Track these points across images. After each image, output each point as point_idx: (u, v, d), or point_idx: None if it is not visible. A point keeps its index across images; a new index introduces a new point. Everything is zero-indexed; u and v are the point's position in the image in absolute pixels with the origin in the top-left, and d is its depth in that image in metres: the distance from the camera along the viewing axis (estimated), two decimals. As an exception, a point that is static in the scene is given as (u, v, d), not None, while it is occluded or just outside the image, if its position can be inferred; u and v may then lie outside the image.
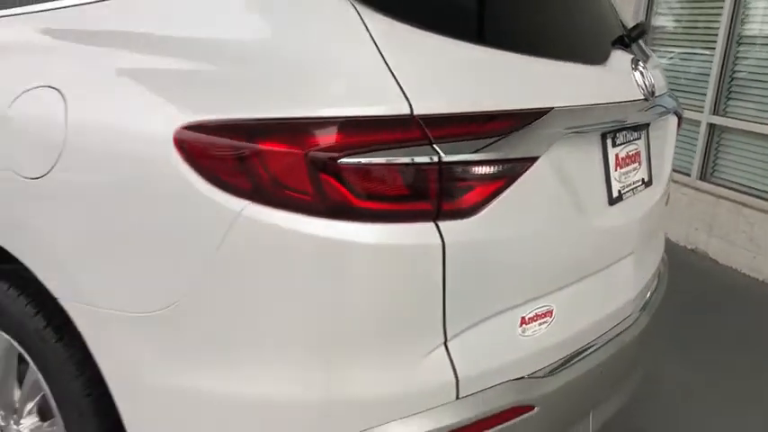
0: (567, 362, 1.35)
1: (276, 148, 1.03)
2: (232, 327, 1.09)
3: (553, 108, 1.19)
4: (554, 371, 1.31)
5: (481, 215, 1.11)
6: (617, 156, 1.48)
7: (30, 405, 1.43)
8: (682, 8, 4.91)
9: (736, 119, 4.23)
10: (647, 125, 1.63)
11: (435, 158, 1.04)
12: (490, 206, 1.11)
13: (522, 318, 1.25)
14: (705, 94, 4.42)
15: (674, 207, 4.37)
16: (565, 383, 1.32)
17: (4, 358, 1.44)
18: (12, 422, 1.49)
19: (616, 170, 1.48)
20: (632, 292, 1.57)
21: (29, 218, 1.26)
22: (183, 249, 1.10)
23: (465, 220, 1.09)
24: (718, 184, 4.32)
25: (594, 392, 1.46)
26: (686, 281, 3.71)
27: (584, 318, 1.39)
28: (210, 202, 1.05)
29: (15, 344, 1.38)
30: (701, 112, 4.43)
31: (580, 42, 1.45)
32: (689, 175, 4.53)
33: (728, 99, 4.32)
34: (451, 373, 1.14)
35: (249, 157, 1.04)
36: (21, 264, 1.32)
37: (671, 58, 4.92)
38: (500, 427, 1.20)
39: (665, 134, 1.80)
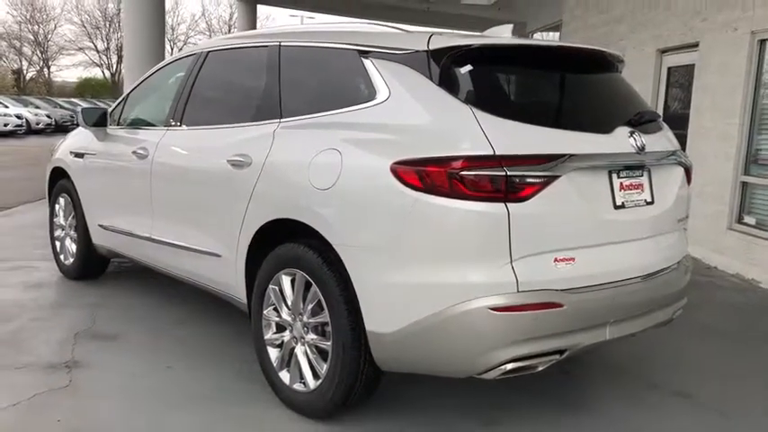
0: (586, 288, 2.53)
1: (433, 169, 2.40)
2: (415, 250, 2.44)
3: (569, 155, 2.46)
4: (576, 290, 2.50)
5: (528, 202, 2.39)
6: (621, 183, 2.69)
7: (309, 308, 2.85)
8: None
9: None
10: (646, 168, 2.81)
11: (503, 173, 2.35)
12: (532, 198, 2.39)
13: (555, 258, 2.47)
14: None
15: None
16: (584, 298, 2.50)
17: (300, 285, 2.88)
18: (297, 320, 2.92)
19: (620, 191, 2.68)
20: (638, 263, 2.71)
21: (321, 208, 2.71)
22: (389, 216, 2.48)
23: (519, 203, 2.38)
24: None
25: (607, 312, 2.60)
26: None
27: (596, 267, 2.57)
28: (404, 194, 2.43)
29: (306, 276, 2.83)
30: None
31: (598, 122, 2.71)
32: None
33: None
34: (514, 278, 2.39)
35: (422, 173, 2.41)
36: (310, 235, 2.78)
37: None
38: (542, 311, 2.41)
39: (670, 176, 2.96)
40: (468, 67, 2.60)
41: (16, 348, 3.58)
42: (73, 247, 4.90)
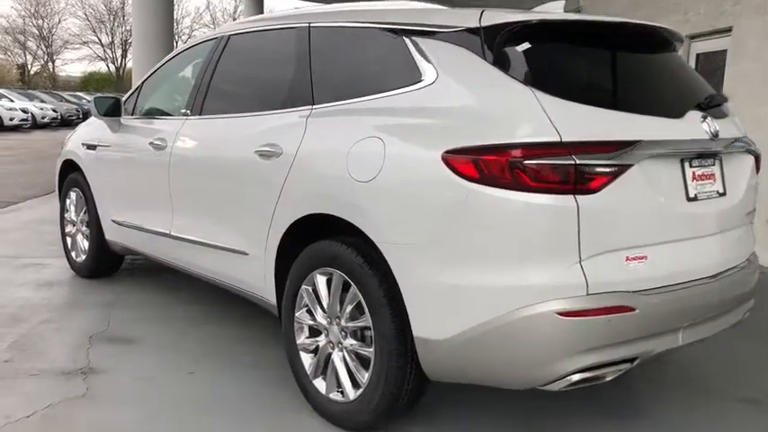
0: (658, 289, 2.28)
1: (492, 158, 2.15)
2: (471, 249, 2.19)
3: (641, 141, 2.21)
4: (649, 292, 2.25)
5: (598, 194, 2.13)
6: (693, 172, 2.43)
7: (348, 310, 2.60)
8: None
9: None
10: (719, 156, 2.56)
11: (572, 162, 2.10)
12: (603, 189, 2.14)
13: (627, 256, 2.22)
14: None
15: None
16: (657, 301, 2.25)
17: (337, 286, 2.63)
18: (334, 323, 2.68)
19: (692, 181, 2.42)
20: (711, 260, 2.46)
21: (361, 202, 2.47)
22: (441, 211, 2.23)
23: (589, 195, 2.13)
24: None
25: (680, 315, 2.36)
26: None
27: (668, 266, 2.32)
28: (458, 186, 2.19)
29: (344, 276, 2.59)
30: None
31: (667, 105, 2.45)
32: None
33: None
34: (583, 279, 2.14)
35: (479, 163, 2.16)
36: (348, 231, 2.55)
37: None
38: (613, 315, 2.17)
39: (740, 165, 2.70)
40: (526, 46, 2.35)
41: (29, 353, 3.35)
42: (85, 244, 4.68)
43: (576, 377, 2.20)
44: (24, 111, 23.78)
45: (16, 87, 36.71)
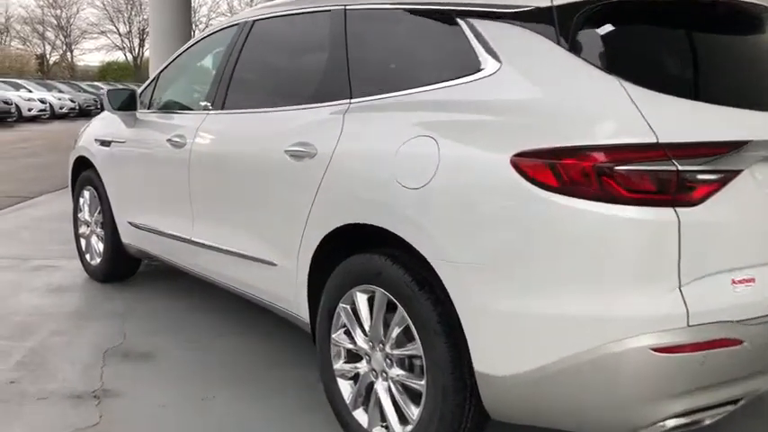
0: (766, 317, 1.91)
1: (574, 162, 1.79)
2: (547, 270, 1.84)
3: (751, 141, 1.84)
4: (757, 321, 1.88)
5: (702, 205, 1.77)
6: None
7: (394, 335, 2.26)
8: None
9: None
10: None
11: (673, 168, 1.74)
12: (708, 199, 1.78)
13: (733, 279, 1.86)
14: None
15: None
16: (766, 331, 1.89)
17: (381, 307, 2.30)
18: (377, 349, 2.34)
19: (806, 189, 2.04)
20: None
21: (410, 212, 2.12)
22: (510, 224, 1.88)
23: (692, 207, 1.77)
24: None
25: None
26: None
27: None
28: (532, 196, 1.83)
29: (389, 296, 2.24)
30: None
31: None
32: None
33: None
34: (684, 307, 1.78)
35: (558, 168, 1.81)
36: (394, 244, 2.21)
37: None
38: (718, 350, 1.81)
39: None
40: (609, 28, 1.99)
41: (37, 372, 3.06)
42: (100, 246, 4.38)
43: (671, 423, 1.85)
44: (42, 101, 23.70)
45: (35, 78, 36.75)
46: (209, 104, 3.32)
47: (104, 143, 4.16)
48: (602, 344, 1.78)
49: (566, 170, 1.81)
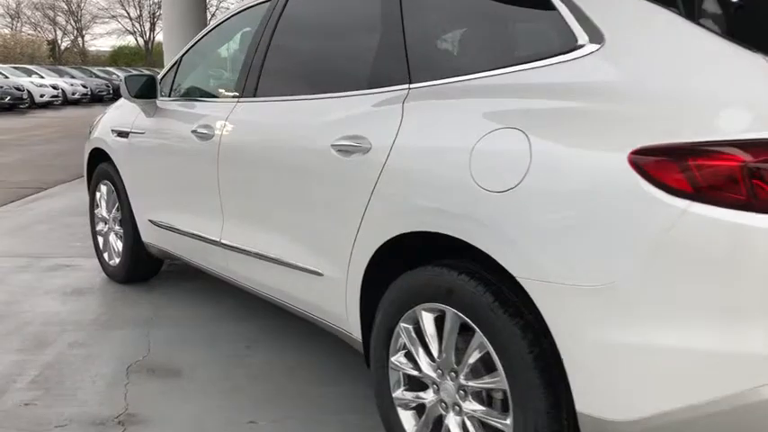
0: None
1: (713, 163, 1.43)
2: (678, 294, 1.48)
3: None
4: None
5: None
6: None
7: (469, 362, 1.92)
8: None
9: None
10: None
11: None
12: None
13: None
14: None
15: None
16: None
17: (453, 329, 1.95)
18: (448, 377, 2.00)
19: None
20: None
21: (493, 221, 1.77)
22: (629, 237, 1.52)
23: None
24: None
25: None
26: None
27: None
28: (658, 203, 1.47)
29: (464, 317, 1.90)
30: None
31: None
32: None
33: None
34: None
35: (692, 169, 1.44)
36: (469, 255, 1.86)
37: None
38: None
39: None
40: (745, -7, 1.61)
41: (55, 393, 2.75)
42: (119, 245, 4.06)
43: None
44: (55, 87, 23.48)
45: (47, 64, 36.54)
46: (238, 91, 2.97)
47: (122, 134, 3.82)
48: (751, 387, 1.43)
49: (703, 171, 1.44)
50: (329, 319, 2.51)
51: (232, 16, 3.35)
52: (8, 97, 20.11)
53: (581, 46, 1.74)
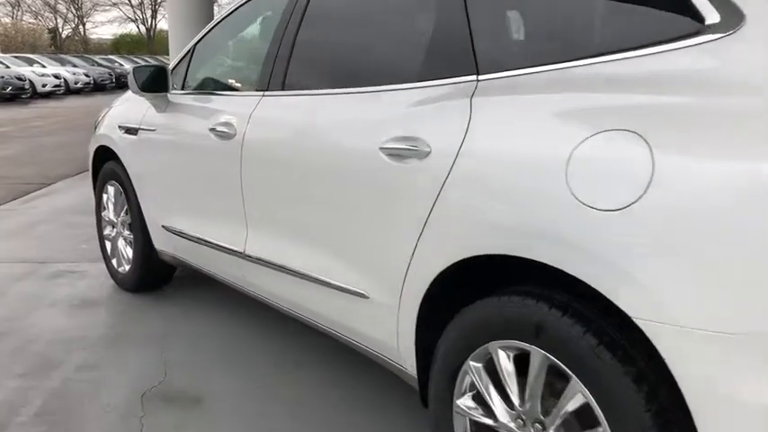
0: None
1: None
2: None
3: None
4: None
5: None
6: None
7: (562, 414, 1.58)
8: None
9: None
10: None
11: None
12: None
13: None
14: None
15: None
16: None
17: (539, 373, 1.61)
18: (531, 429, 1.66)
19: None
20: None
21: (602, 247, 1.42)
22: None
23: None
24: None
25: None
26: None
27: None
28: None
29: (556, 361, 1.56)
30: None
31: None
32: None
33: None
34: None
35: None
36: (562, 287, 1.52)
37: None
38: None
39: None
40: None
41: (61, 428, 2.42)
42: (128, 252, 3.73)
43: None
44: (57, 76, 23.11)
45: (49, 52, 36.14)
46: (263, 84, 2.61)
47: (130, 131, 3.47)
48: None
49: None
50: (375, 349, 2.17)
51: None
52: (10, 87, 19.75)
53: (708, 28, 1.38)
